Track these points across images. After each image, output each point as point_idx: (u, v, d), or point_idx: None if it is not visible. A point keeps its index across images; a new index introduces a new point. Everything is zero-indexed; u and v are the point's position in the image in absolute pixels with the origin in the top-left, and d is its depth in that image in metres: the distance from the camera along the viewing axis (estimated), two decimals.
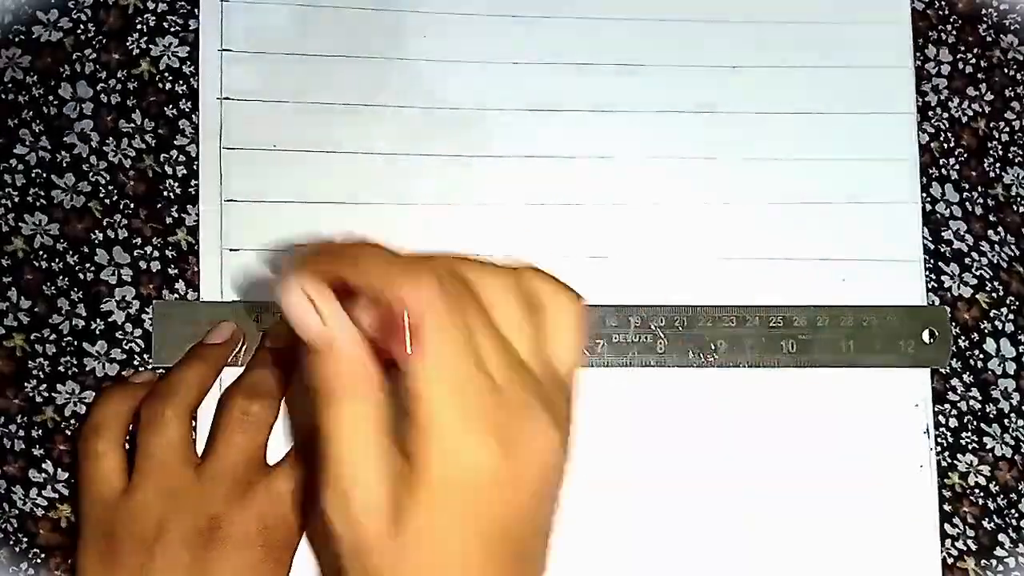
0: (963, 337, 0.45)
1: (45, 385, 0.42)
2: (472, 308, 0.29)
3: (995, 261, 0.46)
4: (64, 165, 0.43)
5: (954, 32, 0.47)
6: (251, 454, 0.38)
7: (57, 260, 0.42)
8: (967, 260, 0.45)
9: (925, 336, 0.43)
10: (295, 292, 0.29)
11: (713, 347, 0.42)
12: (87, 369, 0.42)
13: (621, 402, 0.42)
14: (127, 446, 0.39)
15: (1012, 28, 0.47)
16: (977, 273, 0.45)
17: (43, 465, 0.41)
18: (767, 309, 0.43)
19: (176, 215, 0.43)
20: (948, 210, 0.46)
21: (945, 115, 0.46)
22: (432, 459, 0.28)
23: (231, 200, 0.43)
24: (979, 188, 0.46)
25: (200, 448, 0.40)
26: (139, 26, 0.44)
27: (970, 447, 0.44)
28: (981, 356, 0.45)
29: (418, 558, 0.29)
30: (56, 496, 0.41)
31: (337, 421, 0.29)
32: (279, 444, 0.40)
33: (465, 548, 0.29)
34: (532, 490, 0.29)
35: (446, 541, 0.29)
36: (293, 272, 0.29)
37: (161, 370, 0.42)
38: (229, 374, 0.41)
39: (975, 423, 0.44)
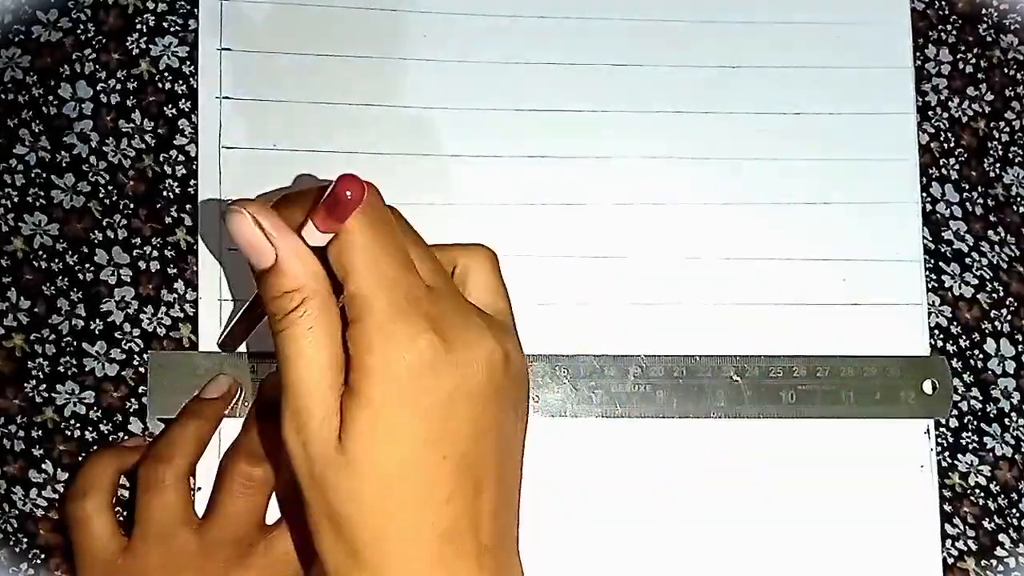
0: (963, 337, 0.45)
1: (45, 385, 0.42)
2: (401, 227, 0.31)
3: (995, 261, 0.45)
4: (64, 165, 0.43)
5: (954, 32, 0.47)
6: (252, 517, 0.38)
7: (57, 260, 0.42)
8: (967, 260, 0.45)
9: (926, 387, 0.43)
10: (240, 215, 0.29)
11: (713, 398, 0.42)
12: (87, 369, 0.42)
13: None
14: (117, 508, 0.40)
15: (1012, 28, 0.47)
16: (977, 273, 0.45)
17: (43, 465, 0.41)
18: (767, 359, 0.43)
19: (175, 215, 0.43)
20: (948, 210, 0.46)
21: (945, 115, 0.46)
22: (370, 353, 0.28)
23: (230, 199, 0.43)
24: (979, 188, 0.46)
25: (199, 505, 0.40)
26: (139, 26, 0.44)
27: (970, 447, 0.44)
28: (981, 356, 0.45)
29: (365, 468, 0.28)
30: (56, 496, 0.41)
31: (291, 336, 0.29)
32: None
33: (414, 457, 0.28)
34: (478, 393, 0.29)
35: (391, 448, 0.28)
36: (239, 203, 0.29)
37: (151, 432, 0.41)
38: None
39: (975, 423, 0.44)
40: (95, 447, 0.41)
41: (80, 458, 0.41)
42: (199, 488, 0.40)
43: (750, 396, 0.42)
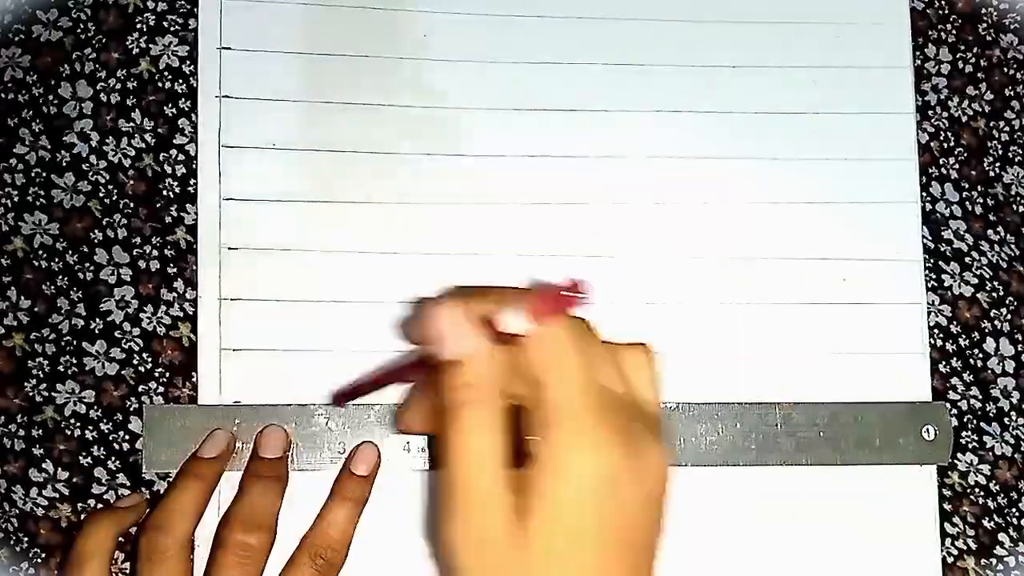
0: (963, 336, 0.45)
1: (45, 385, 0.42)
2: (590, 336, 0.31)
3: (995, 260, 0.45)
4: (64, 165, 0.43)
5: (954, 32, 0.47)
6: None
7: (57, 260, 0.42)
8: (967, 259, 0.45)
9: (925, 433, 0.43)
10: (445, 310, 0.30)
11: (711, 446, 0.42)
12: (87, 368, 0.42)
13: None
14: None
15: (1012, 28, 0.47)
16: (977, 272, 0.45)
17: (43, 465, 0.41)
18: (765, 407, 0.42)
19: (175, 214, 0.43)
20: (948, 210, 0.46)
21: (945, 115, 0.46)
22: (562, 456, 0.29)
23: (230, 199, 0.43)
24: (979, 187, 0.46)
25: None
26: (139, 25, 0.44)
27: (970, 446, 0.44)
28: (981, 355, 0.45)
29: (540, 555, 0.28)
30: (56, 496, 0.41)
31: (462, 432, 0.29)
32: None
33: (585, 556, 0.29)
34: (648, 498, 0.30)
35: (568, 550, 0.29)
36: (446, 299, 0.30)
37: (149, 487, 0.41)
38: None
39: (975, 422, 0.44)
40: (93, 509, 0.41)
41: (80, 458, 0.41)
42: (198, 545, 0.40)
43: (749, 444, 0.42)
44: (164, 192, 0.43)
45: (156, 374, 0.42)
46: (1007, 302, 0.45)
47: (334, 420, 0.41)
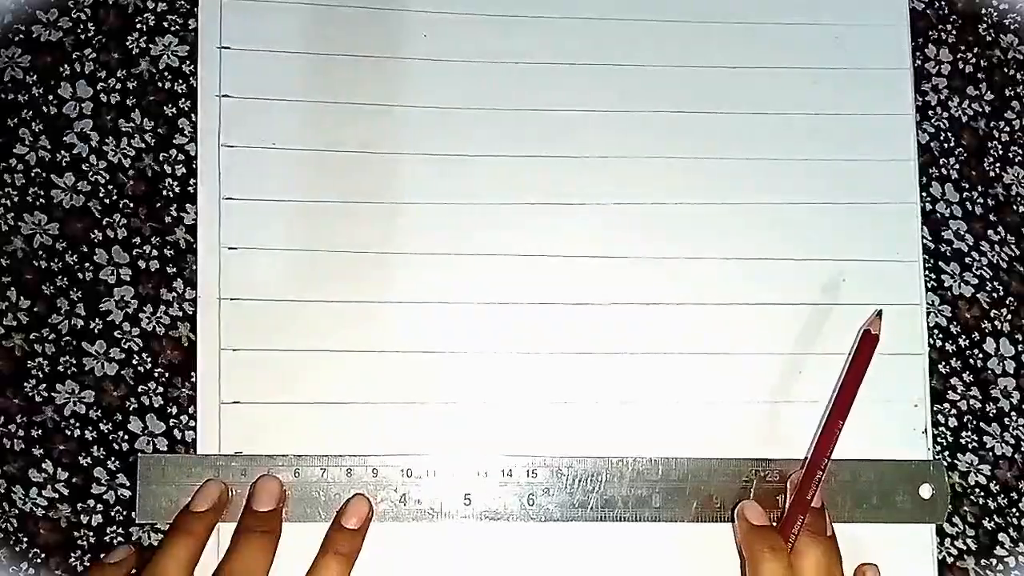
0: (963, 336, 0.45)
1: (45, 385, 0.42)
2: None
3: (995, 261, 0.45)
4: (64, 165, 0.43)
5: (954, 32, 0.47)
6: None
7: (57, 260, 0.42)
8: (967, 259, 0.45)
9: (923, 491, 0.43)
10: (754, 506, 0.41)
11: (711, 502, 0.42)
12: (86, 369, 0.42)
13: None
14: None
15: (1012, 28, 0.47)
16: (977, 273, 0.45)
17: (43, 465, 0.41)
18: (764, 463, 0.42)
19: (175, 214, 0.43)
20: (948, 210, 0.46)
21: (945, 115, 0.46)
22: None
23: (230, 198, 0.43)
24: (979, 188, 0.46)
25: None
26: (139, 25, 0.44)
27: (970, 446, 0.44)
28: (981, 355, 0.45)
29: None
30: (56, 496, 0.41)
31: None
32: None
33: None
34: None
35: None
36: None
37: (140, 533, 0.41)
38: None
39: (975, 422, 0.44)
40: (86, 568, 0.41)
41: (80, 458, 0.41)
42: None
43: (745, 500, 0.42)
44: (164, 192, 0.43)
45: (156, 374, 0.42)
46: (1007, 302, 0.45)
47: (331, 471, 0.41)
